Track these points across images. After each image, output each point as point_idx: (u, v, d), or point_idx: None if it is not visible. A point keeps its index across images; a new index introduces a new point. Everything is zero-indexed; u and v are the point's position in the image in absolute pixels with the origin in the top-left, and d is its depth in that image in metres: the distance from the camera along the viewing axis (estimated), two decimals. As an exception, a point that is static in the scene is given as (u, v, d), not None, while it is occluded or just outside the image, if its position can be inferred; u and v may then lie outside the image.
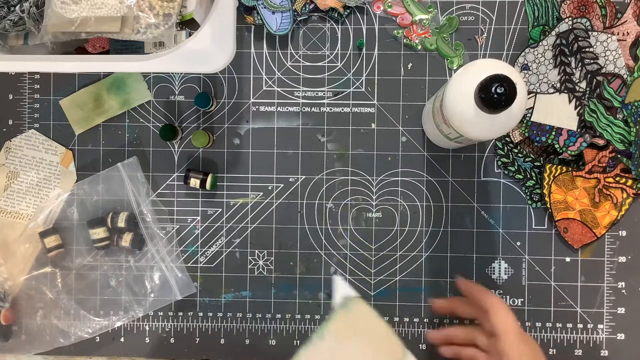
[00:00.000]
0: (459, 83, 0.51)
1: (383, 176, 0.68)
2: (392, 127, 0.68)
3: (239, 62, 0.69)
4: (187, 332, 0.69)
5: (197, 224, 0.69)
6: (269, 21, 0.67)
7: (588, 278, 0.67)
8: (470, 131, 0.52)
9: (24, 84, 0.70)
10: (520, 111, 0.50)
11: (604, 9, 0.65)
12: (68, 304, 0.69)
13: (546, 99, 0.65)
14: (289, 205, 0.68)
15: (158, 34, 0.58)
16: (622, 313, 0.66)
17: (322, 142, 0.68)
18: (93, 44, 0.66)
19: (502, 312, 0.54)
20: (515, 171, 0.67)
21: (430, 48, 0.67)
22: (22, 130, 0.70)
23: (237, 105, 0.69)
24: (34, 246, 0.69)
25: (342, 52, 0.68)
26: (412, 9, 0.67)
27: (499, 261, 0.67)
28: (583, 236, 0.66)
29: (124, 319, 0.68)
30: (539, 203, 0.67)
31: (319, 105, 0.68)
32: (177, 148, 0.69)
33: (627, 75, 0.64)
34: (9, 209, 0.70)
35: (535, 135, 0.65)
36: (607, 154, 0.65)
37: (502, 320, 0.54)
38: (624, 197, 0.66)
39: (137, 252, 0.69)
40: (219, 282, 0.69)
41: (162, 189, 0.69)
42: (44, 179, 0.70)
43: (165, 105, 0.69)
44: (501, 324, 0.54)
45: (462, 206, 0.67)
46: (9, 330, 0.69)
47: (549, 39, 0.65)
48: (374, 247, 0.68)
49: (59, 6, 0.58)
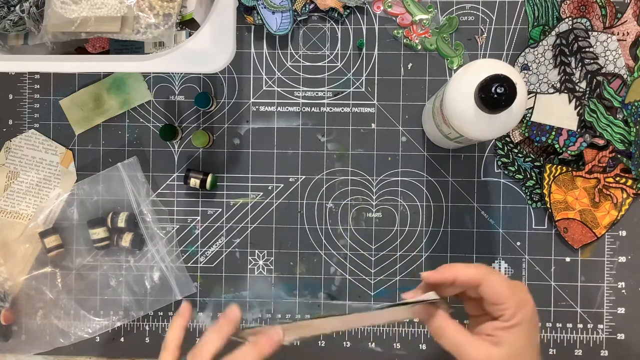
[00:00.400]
0: (459, 83, 0.51)
1: (383, 176, 0.68)
2: (392, 127, 0.68)
3: (239, 62, 0.69)
4: (187, 332, 0.69)
5: (197, 224, 0.69)
6: (269, 21, 0.67)
7: (588, 278, 0.67)
8: (470, 131, 0.52)
9: (24, 84, 0.70)
10: (520, 111, 0.50)
11: (604, 9, 0.65)
12: (68, 304, 0.69)
13: (546, 99, 0.65)
14: (289, 205, 0.68)
15: (158, 34, 0.58)
16: (622, 313, 0.66)
17: (322, 142, 0.68)
18: (93, 44, 0.66)
19: (497, 281, 0.45)
20: (515, 171, 0.67)
21: (430, 48, 0.67)
22: (22, 130, 0.70)
23: (237, 105, 0.69)
24: (34, 246, 0.69)
25: (342, 52, 0.68)
26: (412, 9, 0.67)
27: (499, 261, 0.67)
28: (583, 236, 0.66)
29: (124, 319, 0.68)
30: (539, 203, 0.67)
31: (319, 105, 0.68)
32: (177, 148, 0.69)
33: (627, 75, 0.64)
34: (9, 209, 0.70)
35: (535, 135, 0.65)
36: (607, 154, 0.65)
37: (500, 289, 0.45)
38: (624, 197, 0.66)
39: (137, 252, 0.69)
40: (219, 282, 0.69)
41: (162, 189, 0.69)
42: (44, 179, 0.70)
43: (165, 105, 0.69)
44: (504, 294, 0.44)
45: (462, 206, 0.67)
46: (9, 330, 0.69)
47: (549, 39, 0.65)
48: (374, 247, 0.68)
49: (59, 6, 0.57)
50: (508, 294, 0.44)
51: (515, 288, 0.45)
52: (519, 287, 0.46)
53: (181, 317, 0.53)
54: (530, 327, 0.45)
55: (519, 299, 0.45)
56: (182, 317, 0.53)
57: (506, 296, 0.44)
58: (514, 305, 0.44)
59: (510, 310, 0.44)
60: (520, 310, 0.44)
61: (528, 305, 0.45)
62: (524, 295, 0.45)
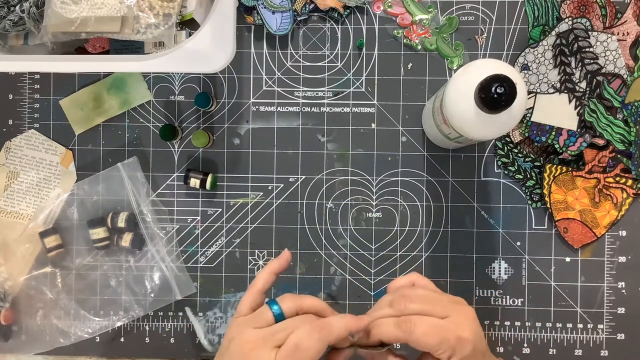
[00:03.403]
0: (459, 83, 0.51)
1: (383, 176, 0.68)
2: (392, 127, 0.68)
3: (239, 62, 0.69)
4: (187, 332, 0.69)
5: (197, 224, 0.69)
6: (269, 21, 0.67)
7: (588, 278, 0.67)
8: (470, 131, 0.52)
9: (24, 84, 0.70)
10: (520, 111, 0.50)
11: (604, 9, 0.65)
12: (68, 304, 0.69)
13: (546, 99, 0.65)
14: (289, 205, 0.68)
15: (158, 34, 0.58)
16: (622, 313, 0.66)
17: (322, 142, 0.68)
18: (93, 44, 0.66)
19: (422, 335, 0.44)
20: (515, 171, 0.67)
21: (430, 48, 0.67)
22: (22, 130, 0.70)
23: (237, 105, 0.69)
24: (34, 246, 0.69)
25: (342, 52, 0.68)
26: (412, 9, 0.67)
27: (499, 261, 0.67)
28: (583, 236, 0.66)
29: (124, 319, 0.68)
30: (539, 203, 0.67)
31: (319, 105, 0.68)
32: (177, 148, 0.69)
33: (627, 75, 0.64)
34: (9, 209, 0.70)
35: (535, 135, 0.65)
36: (607, 154, 0.65)
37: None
38: (624, 197, 0.66)
39: (137, 252, 0.69)
40: (219, 282, 0.69)
41: (162, 189, 0.69)
42: (44, 179, 0.70)
43: (165, 105, 0.69)
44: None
45: (462, 206, 0.67)
46: (9, 330, 0.69)
47: (549, 39, 0.65)
48: (374, 247, 0.68)
49: (59, 6, 0.57)
50: (438, 343, 0.44)
51: (449, 330, 0.44)
52: (454, 325, 0.45)
53: (277, 262, 0.50)
54: (472, 359, 0.45)
55: (452, 343, 0.44)
56: (277, 262, 0.50)
57: (436, 346, 0.44)
58: (448, 349, 0.44)
59: (446, 353, 0.44)
60: (457, 351, 0.44)
61: (465, 344, 0.44)
62: (459, 334, 0.44)
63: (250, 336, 0.44)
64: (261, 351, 0.43)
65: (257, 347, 0.43)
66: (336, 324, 0.44)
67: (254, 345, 0.43)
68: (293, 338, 0.43)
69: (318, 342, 0.43)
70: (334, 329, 0.44)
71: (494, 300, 0.67)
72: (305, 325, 0.43)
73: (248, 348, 0.43)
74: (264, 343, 0.43)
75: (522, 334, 0.67)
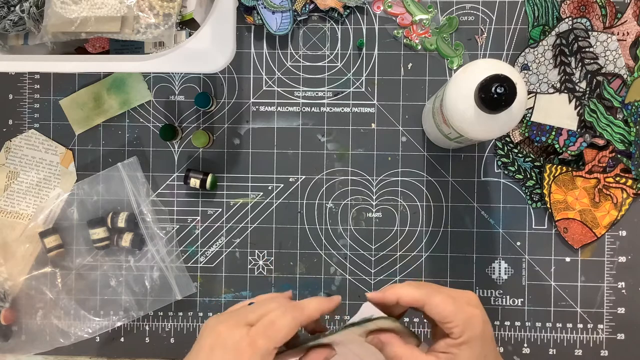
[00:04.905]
0: (459, 83, 0.51)
1: (383, 176, 0.68)
2: (392, 127, 0.68)
3: (239, 62, 0.69)
4: (187, 332, 0.69)
5: (197, 224, 0.69)
6: (269, 21, 0.67)
7: (588, 278, 0.67)
8: (470, 131, 0.52)
9: (24, 84, 0.70)
10: (520, 111, 0.50)
11: (604, 9, 0.65)
12: (68, 304, 0.69)
13: (546, 99, 0.65)
14: (289, 205, 0.68)
15: (158, 34, 0.58)
16: (622, 313, 0.66)
17: (322, 142, 0.68)
18: (93, 44, 0.66)
19: (440, 301, 0.44)
20: (515, 171, 0.67)
21: (430, 48, 0.67)
22: (22, 130, 0.70)
23: (237, 105, 0.69)
24: (34, 246, 0.69)
25: (342, 52, 0.68)
26: (412, 9, 0.67)
27: (499, 261, 0.67)
28: (583, 236, 0.66)
29: (124, 319, 0.68)
30: (539, 203, 0.67)
31: (319, 105, 0.68)
32: (177, 148, 0.69)
33: (627, 75, 0.64)
34: (9, 209, 0.70)
35: (535, 135, 0.65)
36: (607, 154, 0.65)
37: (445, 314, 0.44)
38: (624, 197, 0.66)
39: (137, 252, 0.69)
40: (219, 282, 0.69)
41: (162, 189, 0.69)
42: (44, 179, 0.70)
43: (165, 105, 0.69)
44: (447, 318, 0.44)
45: (462, 206, 0.67)
46: (9, 330, 0.69)
47: (549, 39, 0.65)
48: (374, 247, 0.68)
49: (59, 6, 0.57)
50: (452, 313, 0.44)
51: (462, 304, 0.45)
52: (465, 301, 0.45)
53: (326, 303, 0.47)
54: (482, 341, 0.45)
55: (465, 316, 0.44)
56: (327, 304, 0.47)
57: (451, 315, 0.44)
58: (461, 323, 0.44)
59: (458, 327, 0.44)
60: (468, 327, 0.44)
61: (476, 321, 0.44)
62: (471, 310, 0.45)
63: (224, 316, 0.46)
64: (234, 330, 0.44)
65: (230, 327, 0.44)
66: (309, 304, 0.46)
67: (226, 326, 0.44)
68: (267, 316, 0.44)
69: (292, 320, 0.44)
70: (306, 309, 0.45)
71: (494, 300, 0.67)
72: (279, 306, 0.45)
73: (221, 329, 0.44)
74: (236, 323, 0.44)
75: (522, 334, 0.67)
